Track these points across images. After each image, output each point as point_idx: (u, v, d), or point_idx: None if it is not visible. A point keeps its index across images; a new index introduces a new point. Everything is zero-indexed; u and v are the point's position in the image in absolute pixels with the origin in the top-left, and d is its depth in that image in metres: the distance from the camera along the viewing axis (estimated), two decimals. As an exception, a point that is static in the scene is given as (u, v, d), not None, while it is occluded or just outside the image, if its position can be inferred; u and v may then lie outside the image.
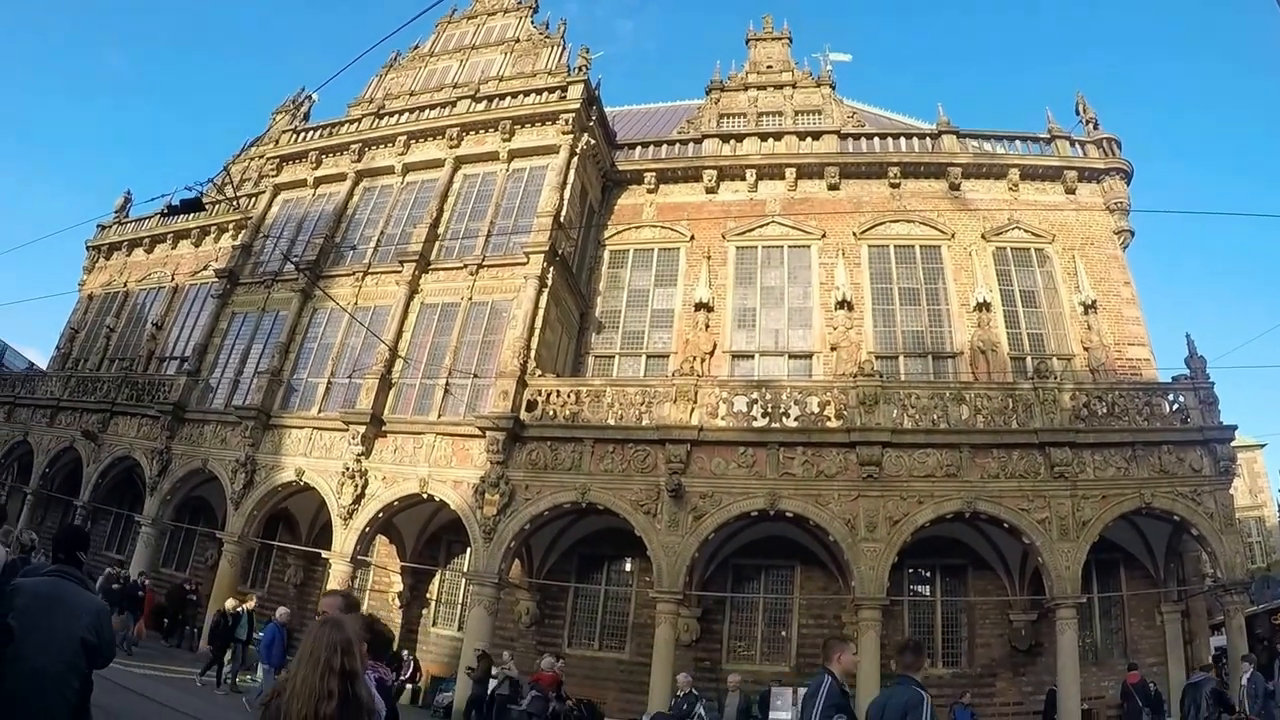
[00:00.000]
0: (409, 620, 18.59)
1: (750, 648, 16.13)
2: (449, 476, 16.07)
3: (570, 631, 17.31)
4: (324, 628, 2.65)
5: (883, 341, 17.54)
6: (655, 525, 14.34)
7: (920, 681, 4.89)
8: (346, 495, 16.66)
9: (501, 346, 16.50)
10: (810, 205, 19.27)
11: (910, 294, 18.00)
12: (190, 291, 25.00)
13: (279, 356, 19.03)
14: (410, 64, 25.49)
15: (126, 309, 27.06)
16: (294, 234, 21.26)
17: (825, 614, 15.82)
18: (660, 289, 19.23)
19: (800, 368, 17.52)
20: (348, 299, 18.78)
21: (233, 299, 21.42)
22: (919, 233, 18.65)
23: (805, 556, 16.02)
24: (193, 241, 26.32)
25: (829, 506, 13.82)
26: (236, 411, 18.99)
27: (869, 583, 13.25)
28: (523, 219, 18.32)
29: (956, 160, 19.22)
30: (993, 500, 13.50)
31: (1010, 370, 16.47)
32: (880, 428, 13.94)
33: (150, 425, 21.22)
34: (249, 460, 18.36)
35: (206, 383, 20.66)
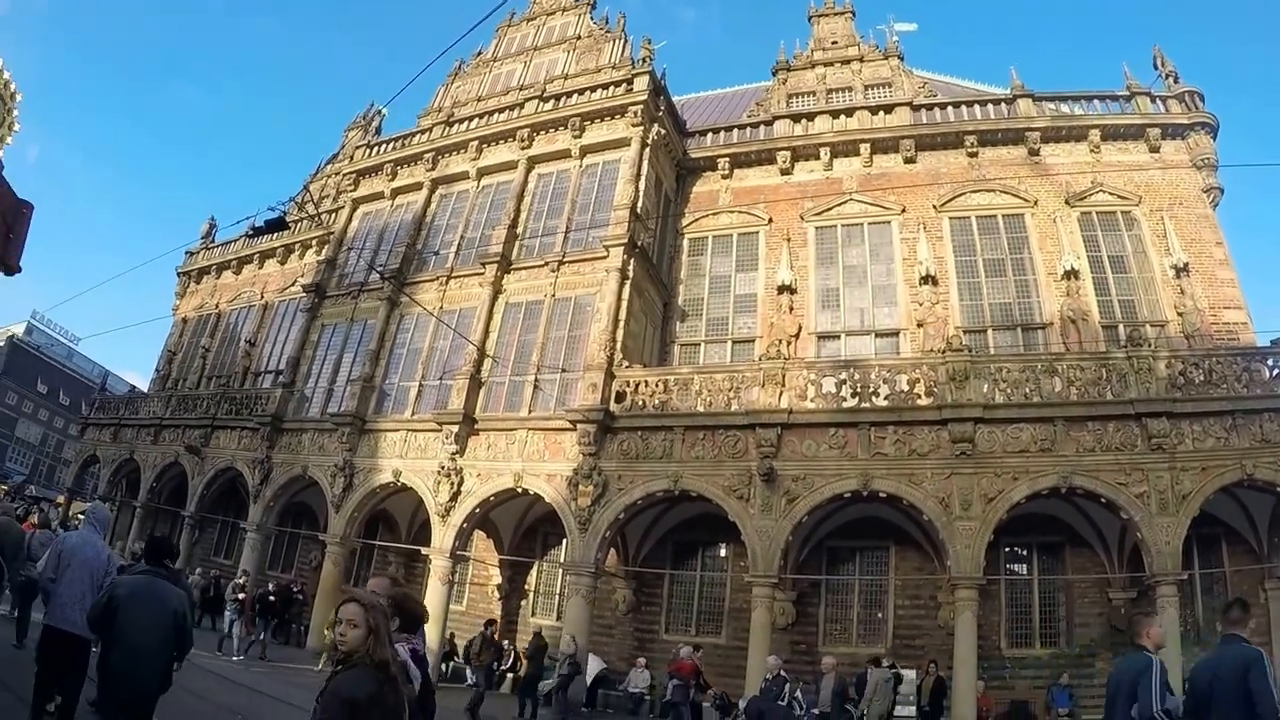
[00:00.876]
0: (508, 611, 19.29)
1: (846, 630, 16.23)
2: (542, 470, 16.63)
3: (667, 618, 17.72)
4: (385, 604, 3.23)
5: (970, 315, 17.40)
6: (748, 510, 14.55)
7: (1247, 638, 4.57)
8: (443, 493, 17.41)
9: (587, 340, 17.01)
10: (887, 180, 19.17)
11: (995, 265, 17.79)
12: (280, 308, 26.30)
13: (370, 363, 19.97)
14: (475, 71, 26.32)
15: (220, 329, 28.63)
16: (376, 245, 22.29)
17: (921, 595, 15.80)
18: (741, 274, 19.43)
19: (887, 346, 17.51)
20: (433, 303, 19.58)
21: (321, 312, 22.56)
22: (1000, 202, 18.41)
23: (900, 537, 16.02)
24: (278, 260, 27.69)
25: (922, 485, 13.79)
26: (332, 419, 20.03)
27: (965, 562, 13.15)
28: (599, 213, 18.81)
29: (1034, 125, 18.88)
30: (1089, 475, 13.22)
31: (1102, 339, 16.09)
32: (971, 403, 13.84)
33: (250, 437, 22.53)
34: (347, 464, 19.32)
35: (301, 393, 21.79)
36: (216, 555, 26.05)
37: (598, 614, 16.72)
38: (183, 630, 5.01)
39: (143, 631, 4.71)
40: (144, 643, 4.73)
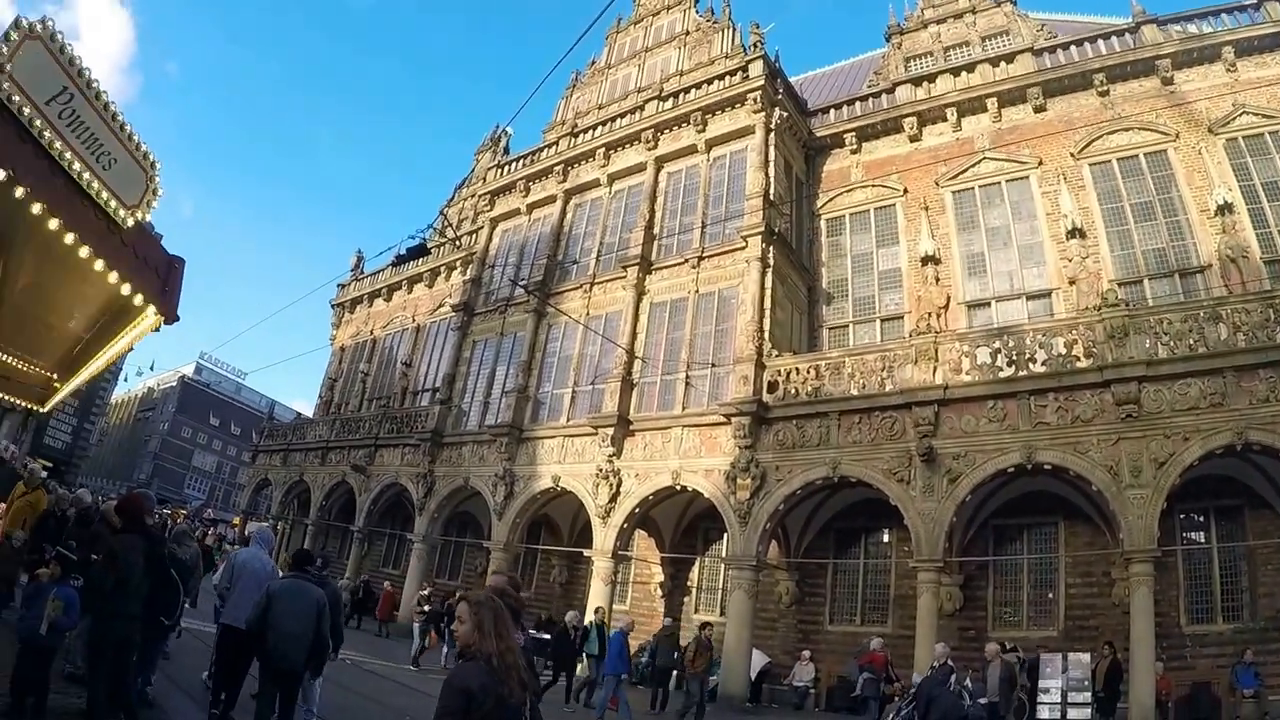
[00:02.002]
0: (671, 608, 19.84)
1: (1016, 613, 15.68)
2: (699, 466, 17.13)
3: (831, 608, 17.78)
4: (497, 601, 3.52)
5: (1122, 266, 16.51)
6: (910, 492, 14.44)
7: None
8: (602, 495, 18.24)
9: (734, 333, 17.42)
10: (1019, 133, 18.48)
11: (1143, 209, 16.71)
12: (431, 329, 28.09)
13: (522, 374, 21.15)
14: (592, 80, 27.32)
15: (376, 353, 30.84)
16: (518, 260, 23.58)
17: (1094, 571, 14.98)
18: (882, 249, 19.29)
19: (1040, 308, 16.87)
20: (579, 311, 20.56)
21: (471, 329, 24.04)
22: (1139, 139, 17.31)
23: (1068, 511, 15.39)
24: (426, 284, 29.61)
25: (1088, 454, 13.17)
26: (490, 430, 21.33)
27: (1137, 533, 12.42)
28: (733, 204, 19.23)
29: (1162, 51, 17.51)
30: (1264, 428, 12.17)
31: (1265, 276, 14.87)
32: (1133, 361, 13.06)
33: (412, 453, 24.26)
34: (507, 473, 20.51)
35: (459, 408, 23.26)
36: (385, 566, 28.14)
37: (760, 607, 16.97)
38: (322, 618, 6.55)
39: (291, 620, 6.31)
40: (292, 629, 6.31)
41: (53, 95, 3.66)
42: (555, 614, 21.46)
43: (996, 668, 11.96)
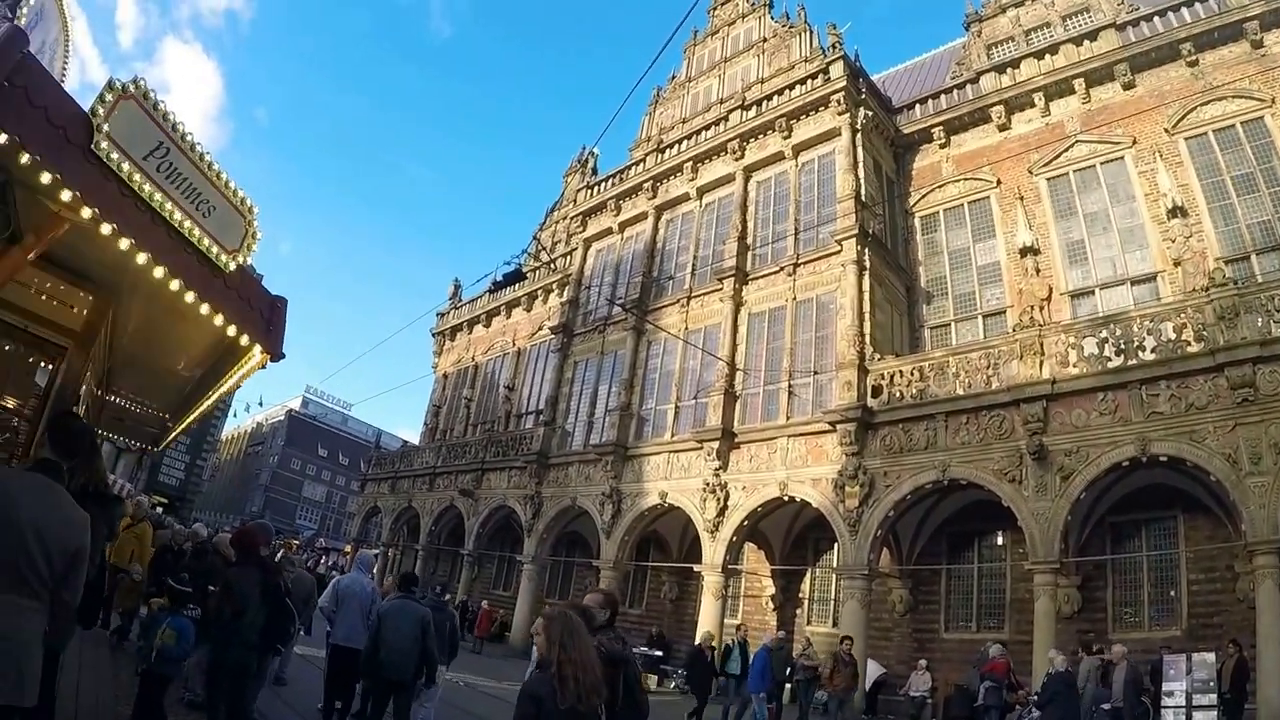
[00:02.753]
0: (783, 621, 20.09)
1: (1137, 613, 15.16)
2: (806, 475, 17.41)
3: (946, 615, 17.66)
4: (573, 614, 3.81)
5: (1228, 242, 15.89)
6: (1022, 492, 14.30)
7: None
8: (710, 509, 18.67)
9: (835, 339, 17.69)
10: (1110, 113, 18.06)
11: (1245, 181, 16.02)
12: (531, 352, 29.21)
13: (624, 392, 21.87)
14: (673, 95, 28.05)
15: (478, 379, 32.22)
16: (613, 279, 24.39)
17: (1216, 566, 14.33)
18: (979, 243, 19.17)
19: (1146, 293, 16.40)
20: (677, 326, 21.16)
21: (571, 350, 25.00)
22: (1234, 108, 16.66)
23: (1187, 503, 14.84)
24: (524, 308, 30.82)
25: (1204, 442, 12.73)
26: (595, 449, 22.10)
27: (1260, 524, 11.91)
28: (825, 209, 19.53)
29: (1250, 12, 16.73)
30: None
31: None
32: (1247, 342, 12.58)
33: (519, 475, 25.31)
34: (614, 492, 21.21)
35: (563, 429, 24.15)
36: (495, 588, 29.37)
37: (874, 617, 17.04)
38: (427, 634, 7.46)
39: (398, 636, 7.22)
40: (399, 644, 7.19)
41: (150, 150, 3.93)
42: (666, 630, 22.02)
43: (1122, 670, 11.74)
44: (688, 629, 20.27)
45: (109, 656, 9.76)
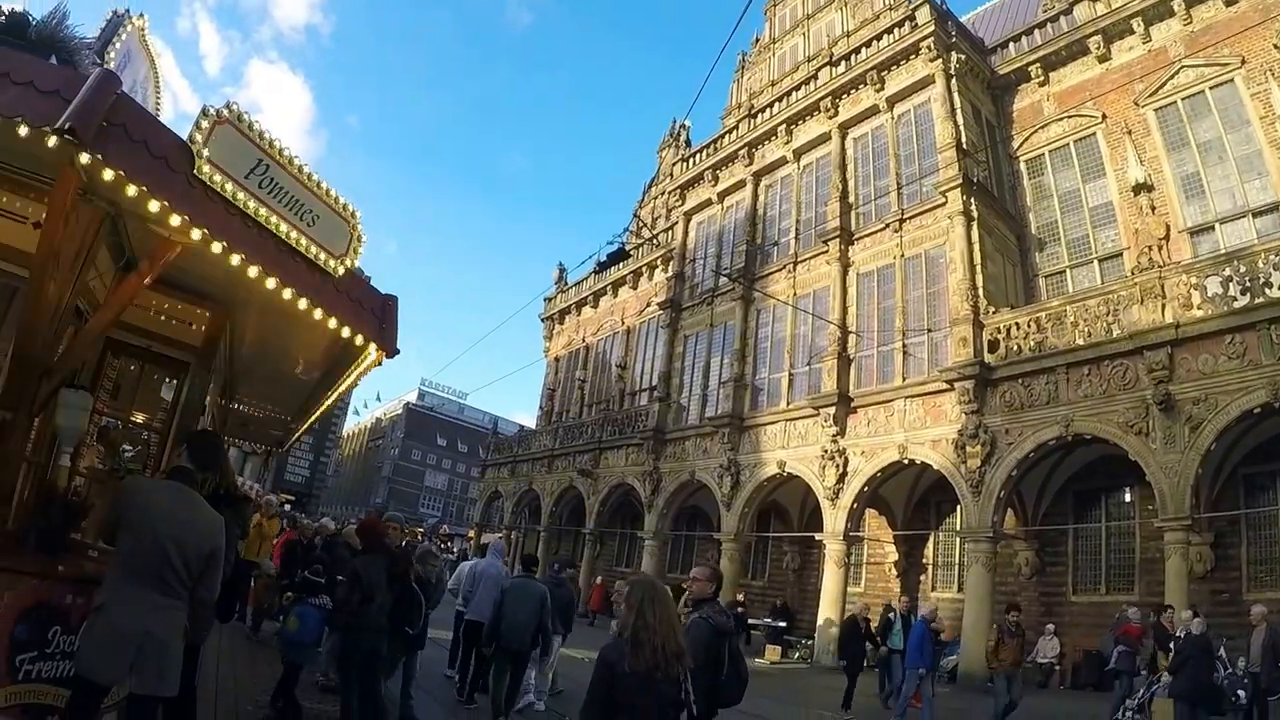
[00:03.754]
0: (907, 587, 20.38)
1: (1273, 572, 14.60)
2: (925, 437, 17.69)
3: (1074, 577, 17.53)
4: (657, 582, 4.05)
5: None
6: (1149, 445, 14.02)
7: None
8: (829, 476, 19.23)
9: (946, 294, 17.85)
10: (1214, 33, 17.07)
11: None
12: (640, 329, 30.23)
13: (737, 363, 22.62)
14: (759, 58, 28.36)
15: (590, 360, 33.53)
16: (717, 249, 25.09)
17: None
18: (1089, 184, 18.68)
19: (1270, 224, 15.63)
20: (785, 292, 21.78)
21: (680, 324, 25.95)
22: None
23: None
24: (630, 286, 31.84)
25: None
26: (710, 422, 22.98)
27: None
28: (925, 160, 19.57)
29: None
30: None
31: None
32: None
33: (636, 452, 26.48)
34: (731, 463, 22.00)
35: (677, 403, 25.12)
36: (618, 565, 30.84)
37: (1000, 581, 17.10)
38: (544, 609, 8.58)
39: (519, 611, 8.33)
40: (520, 618, 8.30)
41: (250, 169, 4.23)
42: (790, 600, 22.65)
43: (1261, 633, 11.16)
44: (811, 599, 20.91)
45: (246, 647, 10.71)
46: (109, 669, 3.73)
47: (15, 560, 4.42)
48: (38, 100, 3.45)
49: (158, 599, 3.79)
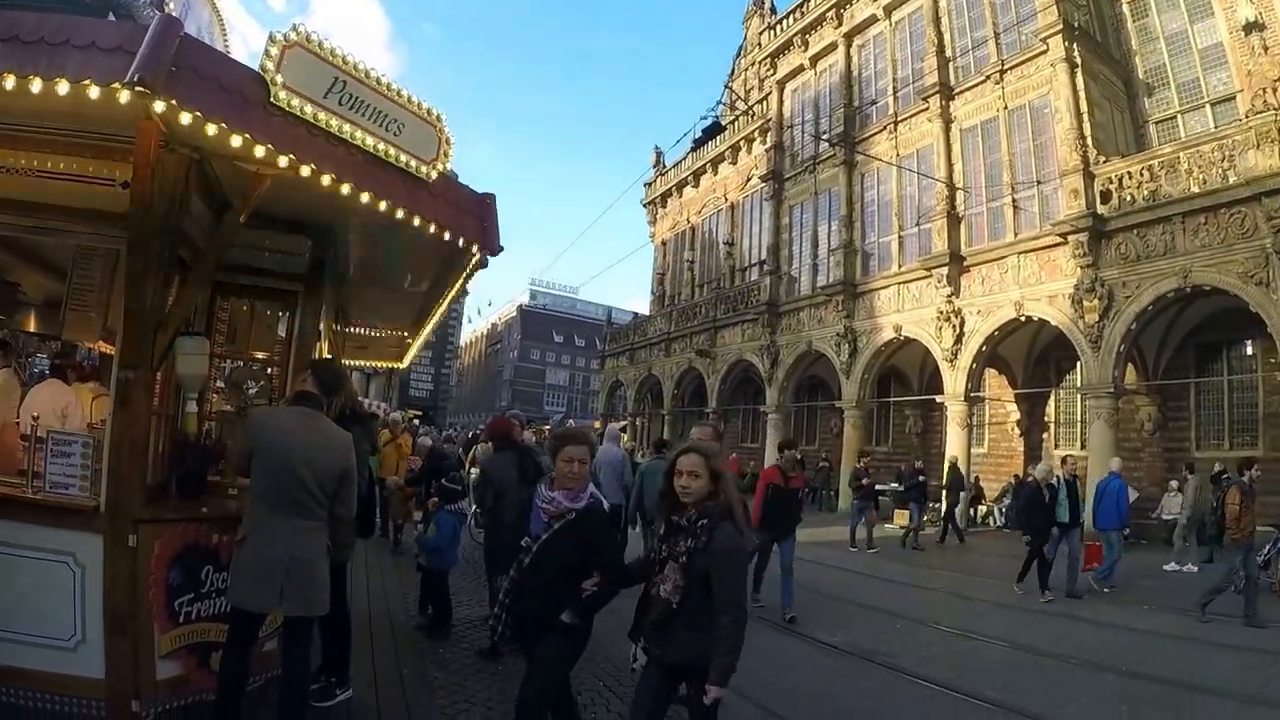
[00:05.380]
0: (1030, 447, 21.55)
1: None
2: (1041, 293, 18.42)
3: (1196, 432, 18.15)
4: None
5: None
6: (1270, 296, 14.25)
7: None
8: (946, 338, 20.37)
9: (1054, 145, 18.28)
10: None
11: None
12: (744, 204, 31.34)
13: (844, 229, 23.81)
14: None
15: (697, 240, 35.00)
16: (814, 115, 25.87)
17: None
18: (1197, 24, 18.14)
19: None
20: (888, 153, 22.61)
21: (784, 195, 27.18)
22: None
23: None
24: (729, 162, 32.75)
25: None
26: (823, 291, 24.45)
27: None
28: (1023, 6, 19.53)
29: None
30: None
31: None
32: None
33: (751, 328, 28.32)
34: (847, 331, 23.42)
35: (788, 275, 26.70)
36: (743, 442, 32.91)
37: (1122, 436, 17.77)
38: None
39: (655, 488, 10.62)
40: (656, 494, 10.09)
41: (327, 88, 4.31)
42: (914, 464, 23.74)
43: None
44: (934, 462, 22.05)
45: (392, 561, 11.33)
46: (260, 597, 4.09)
47: (160, 510, 4.84)
48: (102, 59, 3.65)
49: (297, 523, 4.11)
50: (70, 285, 7.09)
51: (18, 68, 3.59)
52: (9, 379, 6.92)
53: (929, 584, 12.54)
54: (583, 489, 3.98)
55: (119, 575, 4.39)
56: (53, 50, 3.65)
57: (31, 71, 3.58)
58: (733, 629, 3.34)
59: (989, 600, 11.26)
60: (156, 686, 4.54)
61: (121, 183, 4.47)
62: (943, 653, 8.12)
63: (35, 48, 3.66)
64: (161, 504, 4.91)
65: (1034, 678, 7.24)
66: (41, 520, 4.43)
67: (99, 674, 4.39)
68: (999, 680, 6.99)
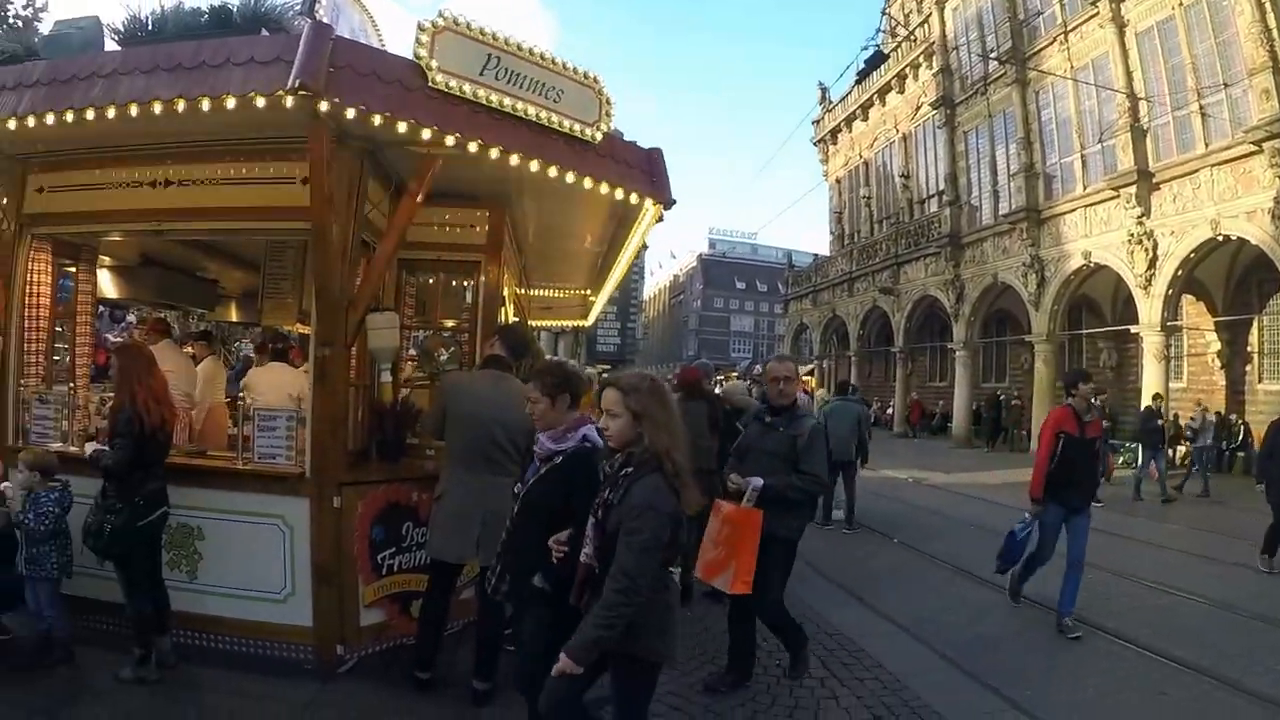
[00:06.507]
0: (1232, 380, 20.47)
1: None
2: (1238, 209, 17.46)
3: None
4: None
5: None
6: None
7: None
8: (1138, 263, 19.77)
9: (1238, 41, 17.22)
10: None
11: None
12: (916, 134, 31.07)
13: (1023, 152, 23.47)
14: None
15: (871, 175, 35.11)
16: (979, 34, 25.43)
17: None
18: None
19: None
20: (1060, 67, 22.01)
21: (956, 121, 27.07)
22: None
23: None
24: (896, 91, 32.49)
25: None
26: (1005, 219, 24.28)
27: None
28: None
29: None
30: None
31: None
32: None
33: (934, 262, 28.42)
34: (1034, 260, 23.15)
35: (968, 204, 26.70)
36: (931, 380, 33.14)
37: None
38: (861, 425, 11.23)
39: (839, 428, 10.56)
40: (841, 433, 10.51)
41: (482, 65, 4.65)
42: (1108, 401, 22.79)
43: None
44: (1131, 398, 21.53)
45: None
46: (457, 548, 4.52)
47: (362, 473, 5.39)
48: (262, 71, 4.09)
49: (491, 478, 4.43)
50: (265, 276, 8.31)
51: (185, 92, 4.17)
52: (216, 365, 8.38)
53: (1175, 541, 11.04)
54: (573, 429, 3.59)
55: (324, 533, 5.02)
56: (215, 71, 4.20)
57: (199, 93, 4.15)
58: (615, 601, 2.88)
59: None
60: (360, 633, 5.21)
61: (301, 179, 4.86)
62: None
63: (197, 72, 4.24)
64: (363, 468, 5.52)
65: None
66: (253, 488, 5.16)
67: (307, 622, 5.05)
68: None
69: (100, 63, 4.60)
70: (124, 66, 4.45)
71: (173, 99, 4.15)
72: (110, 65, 4.51)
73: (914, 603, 7.41)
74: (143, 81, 4.31)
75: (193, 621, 5.07)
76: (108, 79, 4.41)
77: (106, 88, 4.38)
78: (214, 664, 4.93)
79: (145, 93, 4.25)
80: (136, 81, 4.32)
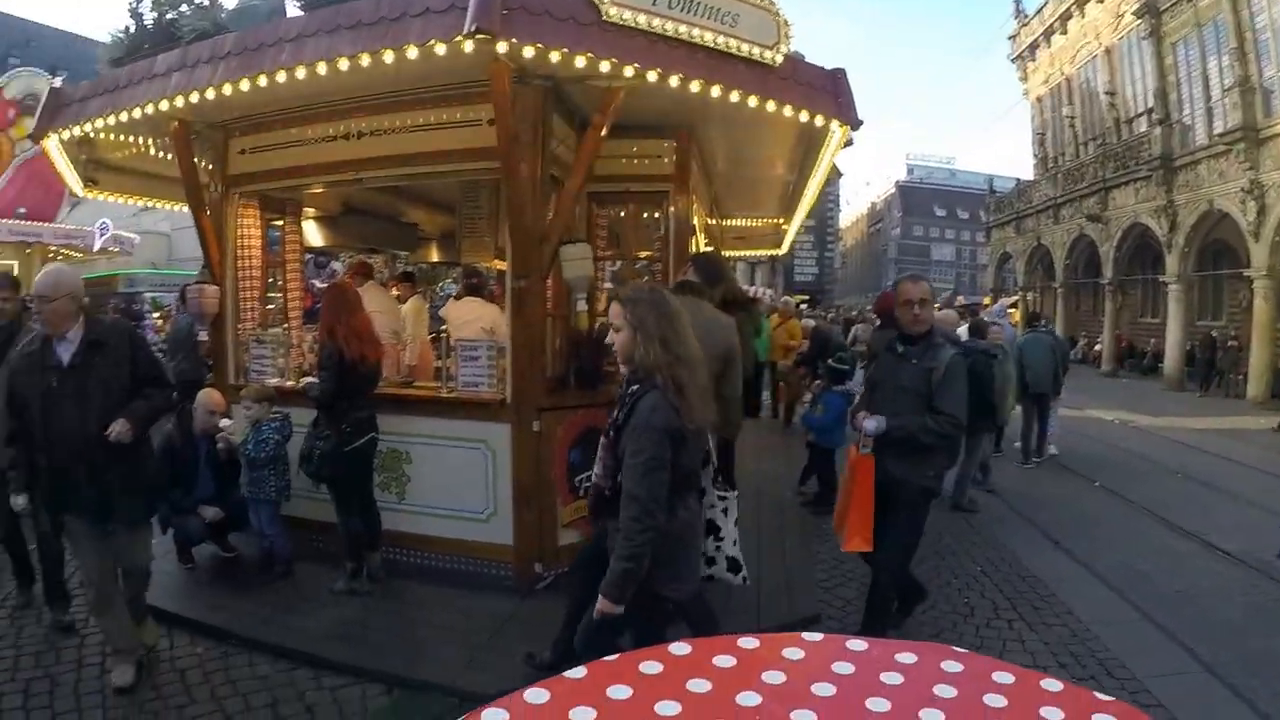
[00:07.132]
0: None
1: None
2: None
3: None
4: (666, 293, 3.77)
5: None
6: None
7: None
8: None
9: None
10: None
11: None
12: (1120, 46, 29.17)
13: (1237, 64, 21.70)
14: None
15: (1074, 93, 33.35)
16: (1183, -72, 23.14)
17: None
18: None
19: None
20: (1272, -40, 19.94)
21: (1163, 31, 25.22)
22: None
23: None
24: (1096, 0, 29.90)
25: None
26: (1220, 140, 22.53)
27: None
28: None
29: None
30: None
31: None
32: None
33: (1144, 186, 26.66)
34: (1253, 185, 21.41)
35: (1180, 123, 25.00)
36: (1142, 317, 31.19)
37: None
38: (1056, 356, 10.96)
39: (1036, 361, 10.70)
40: (1037, 366, 10.67)
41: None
42: None
43: None
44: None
45: (782, 440, 12.32)
46: None
47: (560, 399, 5.70)
48: (439, 19, 4.31)
49: None
50: (461, 216, 9.05)
51: (368, 46, 4.47)
52: (420, 304, 9.27)
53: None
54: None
55: (524, 456, 5.45)
56: (394, 24, 4.45)
57: (381, 46, 4.44)
58: (631, 529, 2.91)
59: None
60: (558, 552, 5.61)
61: (488, 120, 5.16)
62: None
63: (377, 27, 4.50)
64: (561, 394, 5.84)
65: None
66: (457, 414, 5.68)
67: (508, 540, 5.54)
68: None
69: (286, 28, 5.05)
70: (307, 29, 4.87)
71: (356, 54, 4.53)
72: (295, 29, 4.95)
73: (1111, 550, 7.44)
74: (326, 41, 4.71)
75: (401, 539, 5.75)
76: (294, 42, 4.85)
77: (293, 50, 4.82)
78: (421, 579, 5.62)
79: (330, 51, 4.66)
80: (321, 42, 4.72)
